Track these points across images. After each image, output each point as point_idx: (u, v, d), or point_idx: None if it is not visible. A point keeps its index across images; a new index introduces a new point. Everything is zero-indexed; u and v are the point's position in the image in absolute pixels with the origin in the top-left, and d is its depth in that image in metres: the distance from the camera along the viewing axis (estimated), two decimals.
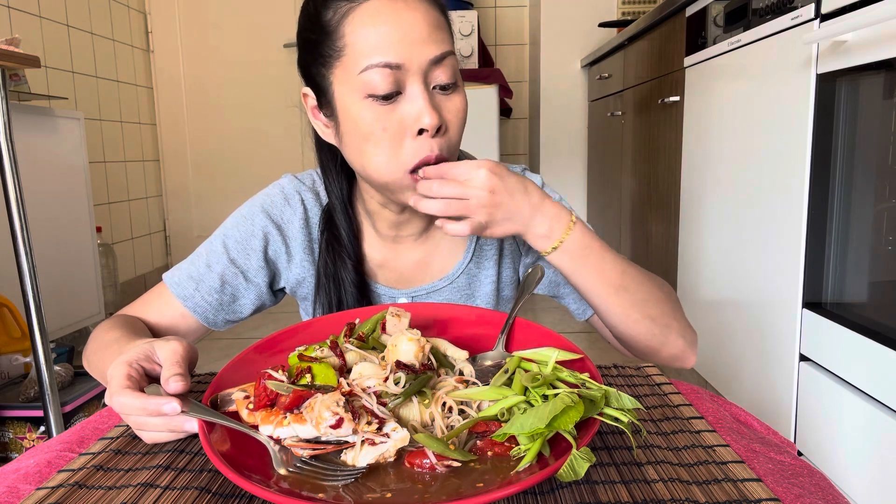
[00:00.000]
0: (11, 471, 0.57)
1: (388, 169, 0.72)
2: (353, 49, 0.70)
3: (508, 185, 0.70)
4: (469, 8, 3.07)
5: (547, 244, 0.72)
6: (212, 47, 3.56)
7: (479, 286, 0.91)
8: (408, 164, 0.72)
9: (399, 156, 0.72)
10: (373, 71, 0.69)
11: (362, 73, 0.70)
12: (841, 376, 1.20)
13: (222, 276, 0.84)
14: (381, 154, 0.72)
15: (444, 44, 0.72)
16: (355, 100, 0.71)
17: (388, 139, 0.71)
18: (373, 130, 0.71)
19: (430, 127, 0.70)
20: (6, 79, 1.54)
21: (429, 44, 0.70)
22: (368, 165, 0.74)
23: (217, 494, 0.49)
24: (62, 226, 2.36)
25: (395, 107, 0.71)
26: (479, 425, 0.53)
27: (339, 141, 0.78)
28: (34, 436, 1.66)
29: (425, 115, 0.69)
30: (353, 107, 0.72)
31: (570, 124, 3.33)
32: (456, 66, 0.74)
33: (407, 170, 0.72)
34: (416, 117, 0.70)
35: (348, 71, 0.71)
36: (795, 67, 1.31)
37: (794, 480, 0.53)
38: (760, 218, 1.48)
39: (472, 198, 0.68)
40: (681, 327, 0.78)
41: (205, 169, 3.68)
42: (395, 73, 0.69)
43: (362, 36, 0.70)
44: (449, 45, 0.73)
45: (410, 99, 0.70)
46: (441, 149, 0.72)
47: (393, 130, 0.71)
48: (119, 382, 0.57)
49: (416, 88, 0.70)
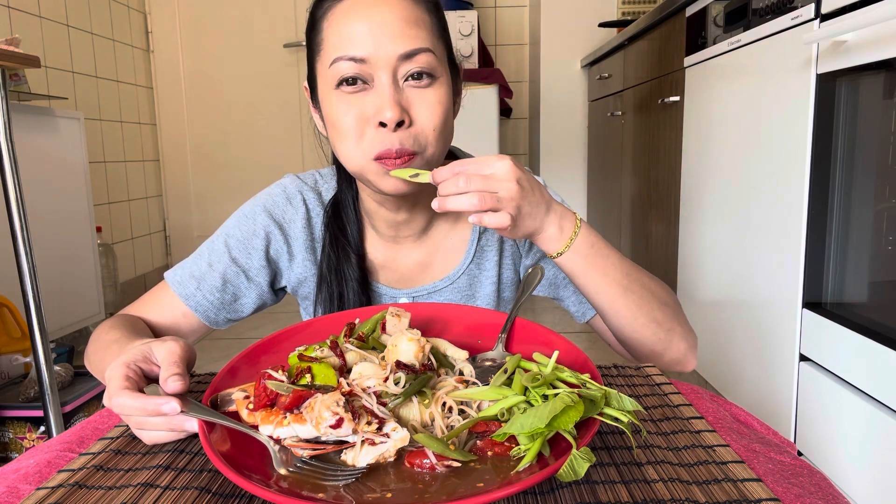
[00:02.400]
0: (11, 471, 0.57)
1: (355, 156, 0.74)
2: (327, 44, 0.74)
3: (528, 177, 0.70)
4: (469, 8, 3.06)
5: (558, 245, 0.71)
6: (212, 47, 3.56)
7: (479, 287, 0.91)
8: (369, 152, 0.73)
9: (361, 144, 0.73)
10: (340, 63, 0.72)
11: (332, 66, 0.73)
12: (841, 376, 1.20)
13: (224, 276, 0.85)
14: (346, 142, 0.74)
15: (418, 40, 0.72)
16: (328, 90, 0.75)
17: (352, 128, 0.73)
18: (338, 119, 0.74)
19: (388, 120, 0.71)
20: (6, 79, 1.54)
21: (399, 39, 0.71)
22: (339, 152, 0.77)
23: (217, 494, 0.49)
24: (62, 226, 2.36)
25: (362, 97, 0.73)
26: (479, 425, 0.53)
27: (326, 132, 0.81)
28: (34, 436, 1.66)
29: (386, 109, 0.70)
30: (327, 97, 0.75)
31: (570, 124, 3.32)
32: (433, 62, 0.73)
33: (370, 157, 0.73)
34: (378, 110, 0.71)
35: (324, 63, 0.75)
36: (795, 67, 1.31)
37: (794, 480, 0.53)
38: (760, 218, 1.48)
39: (502, 189, 0.66)
40: (683, 331, 0.78)
41: (205, 169, 3.68)
42: (359, 65, 0.72)
43: (335, 31, 0.73)
44: (425, 42, 0.73)
45: (376, 91, 0.72)
46: (404, 142, 0.72)
47: (356, 120, 0.73)
48: (117, 384, 0.57)
49: (382, 81, 0.72)
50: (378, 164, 0.73)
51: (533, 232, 0.71)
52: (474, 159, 0.68)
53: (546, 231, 0.71)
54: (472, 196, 0.65)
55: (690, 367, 0.80)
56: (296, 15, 3.50)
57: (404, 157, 0.72)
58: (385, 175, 0.73)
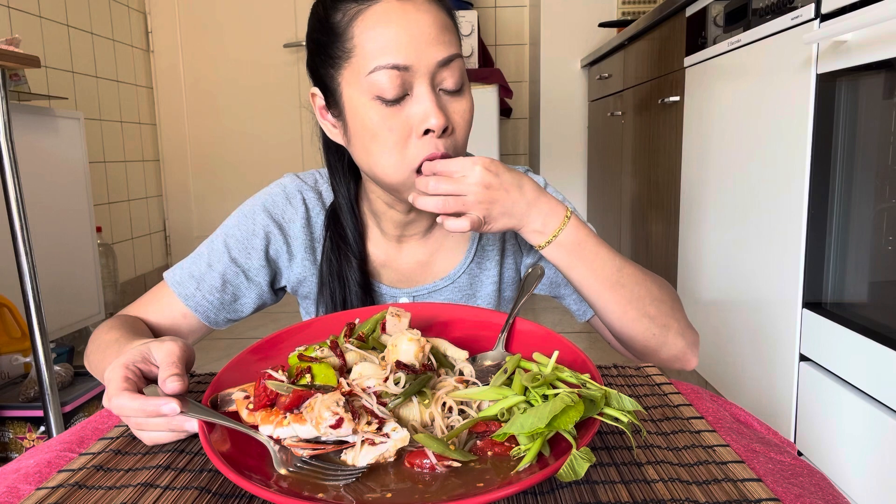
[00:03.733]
0: (11, 471, 0.57)
1: (395, 169, 0.73)
2: (361, 50, 0.71)
3: (504, 180, 0.70)
4: (469, 8, 3.07)
5: (541, 238, 0.73)
6: (212, 47, 3.56)
7: (480, 286, 0.91)
8: (413, 163, 0.72)
9: (405, 156, 0.72)
10: (381, 72, 0.70)
11: (371, 75, 0.70)
12: (841, 376, 1.20)
13: (223, 276, 0.84)
14: (387, 154, 0.73)
15: (452, 46, 0.73)
16: (363, 101, 0.72)
17: (394, 139, 0.72)
18: (380, 131, 0.72)
19: (436, 127, 0.70)
20: (6, 79, 1.54)
21: (436, 45, 0.71)
22: (376, 166, 0.75)
23: (217, 494, 0.49)
24: (62, 226, 2.36)
25: (402, 107, 0.71)
26: (479, 425, 0.53)
27: (347, 141, 0.78)
28: (34, 436, 1.66)
29: (432, 116, 0.70)
30: (360, 108, 0.73)
31: (570, 124, 3.32)
32: (463, 68, 0.74)
33: (413, 169, 0.72)
34: (423, 118, 0.71)
35: (357, 72, 0.72)
36: (795, 67, 1.31)
37: (794, 480, 0.53)
38: (760, 218, 1.48)
39: (469, 194, 0.69)
40: (680, 327, 0.78)
41: (205, 169, 3.68)
42: (402, 74, 0.70)
43: (371, 37, 0.70)
44: (456, 47, 0.73)
45: (417, 100, 0.71)
46: (447, 148, 0.72)
47: (399, 131, 0.72)
48: (116, 385, 0.57)
49: (423, 89, 0.71)
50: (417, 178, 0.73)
51: (512, 227, 0.73)
52: (451, 161, 0.70)
53: (528, 226, 0.73)
54: (437, 199, 0.70)
55: (691, 366, 0.80)
56: (296, 15, 3.50)
57: None
58: None
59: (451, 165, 0.70)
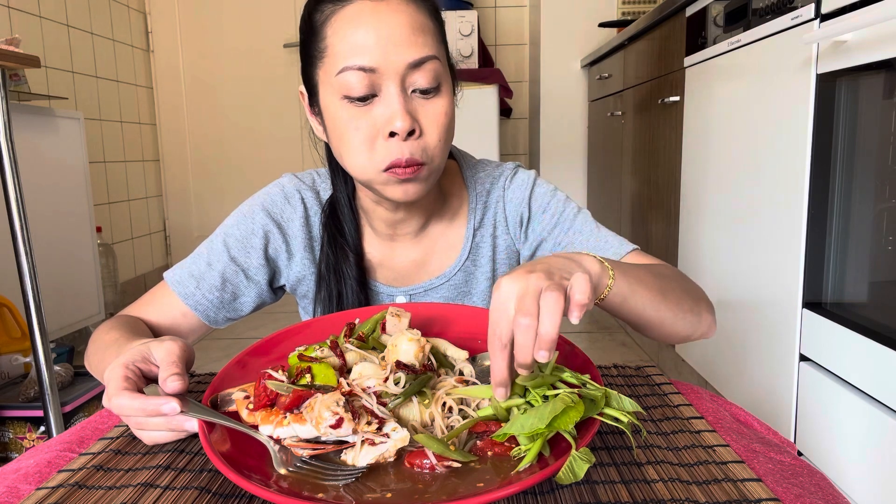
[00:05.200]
0: (11, 471, 0.57)
1: (363, 168, 0.74)
2: (332, 50, 0.72)
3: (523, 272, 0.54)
4: (469, 8, 3.06)
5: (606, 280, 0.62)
6: (212, 47, 3.56)
7: (475, 283, 0.91)
8: (380, 164, 0.72)
9: (372, 157, 0.73)
10: (348, 73, 0.70)
11: (339, 75, 0.71)
12: (841, 376, 1.20)
13: (223, 275, 0.85)
14: (354, 153, 0.74)
15: (426, 48, 0.72)
16: (334, 100, 0.73)
17: (360, 139, 0.72)
18: (347, 130, 0.73)
19: (400, 130, 0.70)
20: (6, 79, 1.54)
21: (407, 47, 0.70)
22: (347, 163, 0.76)
23: (217, 494, 0.49)
24: (62, 226, 2.36)
25: (370, 108, 0.72)
26: (479, 425, 0.53)
27: (328, 139, 0.80)
28: (34, 436, 1.66)
29: (397, 119, 0.70)
30: (332, 106, 0.74)
31: (570, 124, 3.32)
32: (439, 69, 0.73)
33: (380, 169, 0.73)
34: (388, 120, 0.71)
35: (328, 72, 0.73)
36: (795, 67, 1.31)
37: (794, 480, 0.53)
38: (760, 218, 1.48)
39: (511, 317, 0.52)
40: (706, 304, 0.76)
41: (205, 169, 3.68)
42: (369, 75, 0.70)
43: (341, 38, 0.71)
44: (431, 49, 0.72)
45: (384, 101, 0.71)
46: (414, 152, 0.72)
47: (366, 131, 0.72)
48: (116, 385, 0.57)
49: (391, 91, 0.71)
50: (387, 175, 0.73)
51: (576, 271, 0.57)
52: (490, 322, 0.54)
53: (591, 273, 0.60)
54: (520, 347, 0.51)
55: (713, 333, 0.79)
56: (296, 15, 3.50)
57: (413, 166, 0.72)
58: (393, 184, 0.73)
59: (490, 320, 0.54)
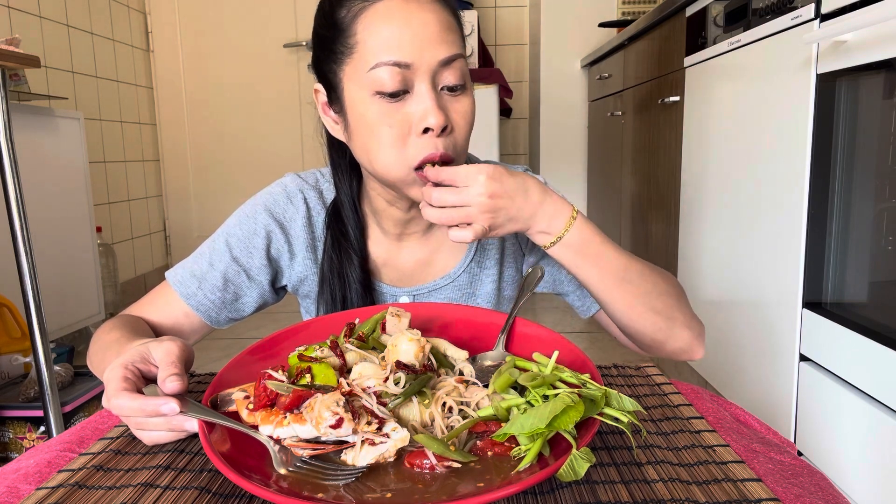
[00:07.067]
0: (11, 471, 0.57)
1: (394, 166, 0.73)
2: (363, 47, 0.71)
3: (508, 188, 0.70)
4: (469, 8, 3.07)
5: (547, 239, 0.73)
6: (212, 47, 3.56)
7: (480, 285, 0.91)
8: (412, 161, 0.72)
9: (404, 153, 0.72)
10: (382, 69, 0.70)
11: (371, 71, 0.71)
12: (841, 376, 1.20)
13: (225, 275, 0.85)
14: (386, 150, 0.73)
15: (455, 46, 0.73)
16: (364, 97, 0.73)
17: (393, 136, 0.72)
18: (379, 127, 0.72)
19: (435, 126, 0.70)
20: (6, 79, 1.54)
21: (439, 45, 0.71)
22: (375, 162, 0.75)
23: (217, 494, 0.49)
24: (62, 226, 2.36)
25: (402, 105, 0.72)
26: (479, 425, 0.53)
27: (348, 138, 0.79)
28: (34, 436, 1.66)
29: (431, 115, 0.70)
30: (361, 104, 0.73)
31: (570, 124, 3.32)
32: (465, 68, 0.75)
33: (412, 167, 0.73)
34: (422, 116, 0.71)
35: (358, 68, 0.72)
36: (795, 67, 1.31)
37: (794, 480, 0.53)
38: (760, 218, 1.48)
39: (473, 205, 0.68)
40: (686, 319, 0.79)
41: (205, 169, 3.68)
42: (403, 72, 0.70)
43: (373, 34, 0.71)
44: (459, 47, 0.74)
45: (417, 98, 0.71)
46: (446, 148, 0.72)
47: (398, 128, 0.72)
48: (116, 385, 0.57)
49: (424, 88, 0.71)
50: (416, 176, 0.73)
51: (518, 230, 0.73)
52: (456, 169, 0.69)
53: (534, 227, 0.73)
54: (441, 210, 0.70)
55: (698, 356, 0.81)
56: (296, 15, 3.50)
57: (445, 161, 0.73)
58: (420, 184, 0.74)
59: (456, 174, 0.69)
